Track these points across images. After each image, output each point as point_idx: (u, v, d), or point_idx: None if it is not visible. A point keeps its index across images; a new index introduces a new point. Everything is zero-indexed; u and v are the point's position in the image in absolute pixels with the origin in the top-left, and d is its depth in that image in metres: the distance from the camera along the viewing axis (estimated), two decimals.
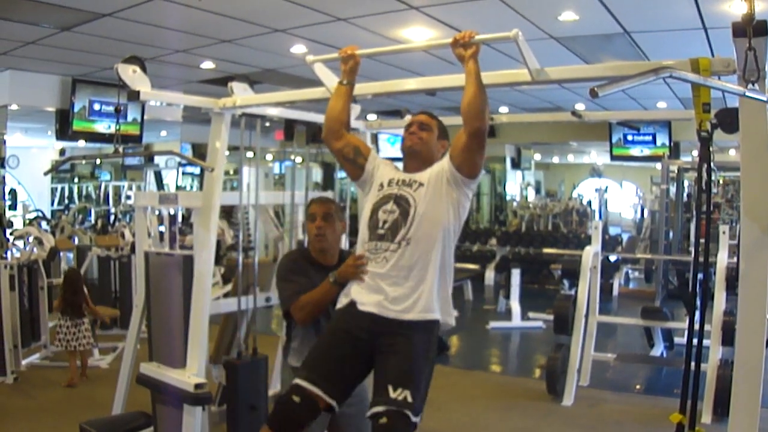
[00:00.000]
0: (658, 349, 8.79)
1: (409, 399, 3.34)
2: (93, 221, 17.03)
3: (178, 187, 18.34)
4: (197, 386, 4.53)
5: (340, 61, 3.88)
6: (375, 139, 6.21)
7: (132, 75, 4.53)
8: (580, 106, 12.85)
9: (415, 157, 3.76)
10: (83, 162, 18.68)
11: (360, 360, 3.59)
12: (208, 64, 10.81)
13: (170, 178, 18.58)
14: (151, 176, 18.48)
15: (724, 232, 7.26)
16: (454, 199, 3.61)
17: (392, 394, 3.34)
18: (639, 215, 18.53)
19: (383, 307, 3.53)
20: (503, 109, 14.52)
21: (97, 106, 11.93)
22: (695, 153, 13.48)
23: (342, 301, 3.74)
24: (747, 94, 2.64)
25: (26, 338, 8.09)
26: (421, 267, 3.54)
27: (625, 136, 15.98)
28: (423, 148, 3.74)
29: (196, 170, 19.59)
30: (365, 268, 3.65)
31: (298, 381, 3.52)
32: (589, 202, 19.70)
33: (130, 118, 12.23)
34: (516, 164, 20.95)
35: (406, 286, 3.52)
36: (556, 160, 27.01)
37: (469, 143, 3.52)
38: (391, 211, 3.62)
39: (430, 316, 3.55)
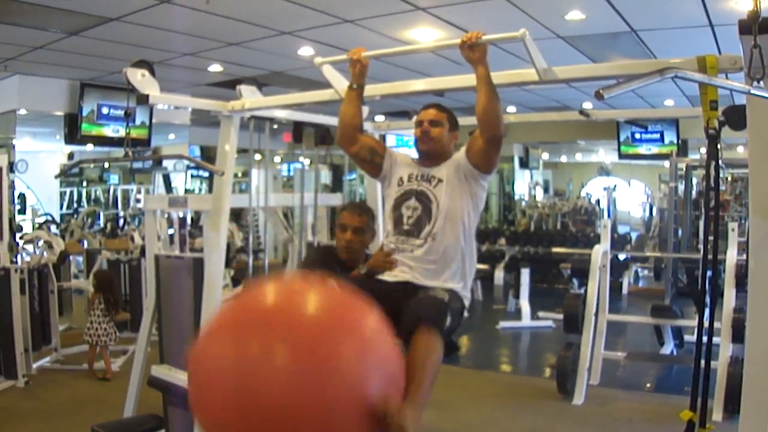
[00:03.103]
0: (668, 347, 8.78)
1: (446, 299, 3.38)
2: (102, 225, 17.04)
3: (186, 190, 18.36)
4: None
5: (349, 64, 3.90)
6: (383, 140, 6.21)
7: (141, 79, 4.55)
8: (587, 105, 12.84)
9: (429, 156, 3.80)
10: (92, 166, 18.69)
11: (384, 297, 3.39)
12: (216, 67, 10.83)
13: (179, 181, 18.59)
14: (159, 179, 18.50)
15: (733, 229, 7.25)
16: (472, 192, 3.69)
17: (430, 293, 3.41)
18: (648, 213, 18.47)
19: (409, 280, 3.60)
20: (511, 109, 14.49)
21: (105, 110, 11.96)
22: (703, 150, 13.45)
23: None
24: (752, 91, 2.63)
25: (37, 342, 8.13)
26: (447, 259, 3.62)
27: (632, 134, 15.95)
28: (436, 147, 3.77)
29: (205, 173, 19.58)
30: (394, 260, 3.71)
31: None
32: (598, 201, 19.65)
33: (138, 122, 12.25)
34: (524, 164, 20.91)
35: (435, 277, 3.60)
36: (564, 159, 26.92)
37: (487, 148, 3.57)
38: (414, 207, 3.69)
39: (459, 290, 3.64)
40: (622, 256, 14.00)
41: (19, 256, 9.59)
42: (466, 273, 3.70)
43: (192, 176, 19.52)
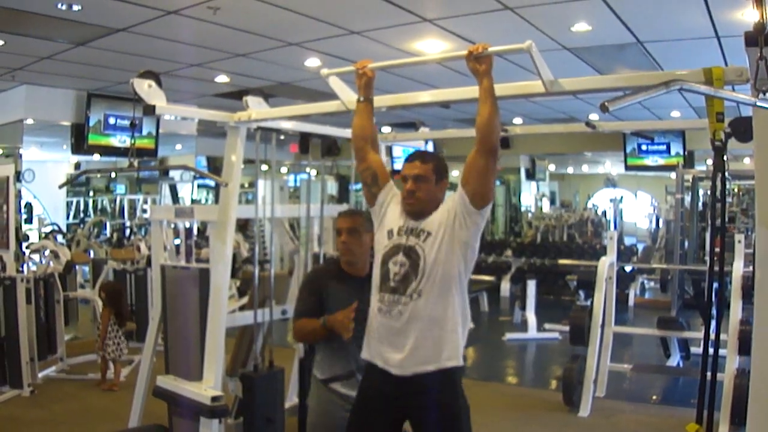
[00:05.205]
0: (675, 359, 8.76)
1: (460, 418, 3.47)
2: (108, 235, 17.08)
3: (193, 200, 18.38)
4: (214, 399, 4.54)
5: (355, 76, 3.89)
6: (389, 151, 6.23)
7: (147, 89, 4.56)
8: (593, 116, 12.82)
9: (417, 214, 3.67)
10: (98, 175, 18.75)
11: (391, 423, 3.67)
12: (222, 78, 10.86)
13: (185, 191, 18.62)
14: (166, 189, 18.53)
15: (739, 241, 7.23)
16: (463, 242, 3.56)
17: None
18: (654, 225, 18.45)
19: (403, 367, 3.54)
20: (517, 120, 14.52)
21: (112, 120, 12.00)
22: (710, 162, 13.43)
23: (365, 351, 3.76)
24: (758, 103, 2.63)
25: (42, 351, 8.13)
26: (435, 317, 3.52)
27: (639, 145, 15.95)
28: (423, 205, 3.65)
29: (212, 183, 19.60)
30: (364, 325, 3.76)
31: None
32: (604, 213, 19.66)
33: (145, 132, 12.29)
34: (530, 175, 20.92)
35: (423, 338, 3.51)
36: (570, 170, 26.96)
37: (484, 162, 3.47)
38: (401, 263, 3.58)
39: (452, 363, 3.55)
40: (628, 268, 13.99)
41: (25, 266, 9.60)
42: (459, 328, 3.59)
43: (198, 186, 19.56)
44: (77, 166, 16.66)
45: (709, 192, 11.81)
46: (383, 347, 3.60)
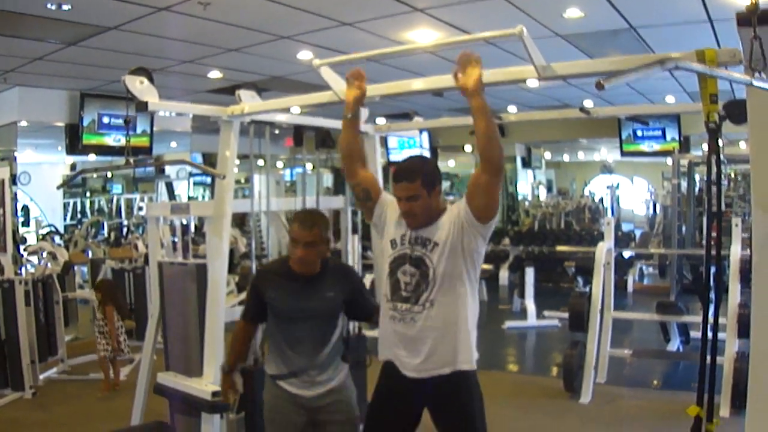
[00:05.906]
0: (674, 344, 8.78)
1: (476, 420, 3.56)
2: (106, 234, 17.06)
3: (189, 198, 18.37)
4: (214, 394, 4.54)
5: (347, 84, 3.88)
6: (384, 141, 6.21)
7: (139, 86, 4.55)
8: (588, 103, 12.84)
9: (421, 225, 3.65)
10: (95, 175, 18.71)
11: (409, 419, 3.72)
12: (215, 74, 10.84)
13: (181, 189, 18.62)
14: (162, 187, 18.53)
15: (736, 225, 7.24)
16: (471, 248, 3.58)
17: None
18: (651, 211, 18.49)
19: (419, 371, 3.58)
20: (511, 108, 14.48)
21: (106, 120, 11.99)
22: (705, 146, 13.43)
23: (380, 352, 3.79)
24: (754, 83, 2.62)
25: (43, 353, 8.11)
26: (449, 323, 3.55)
27: (634, 131, 15.95)
28: (423, 219, 3.62)
29: (207, 180, 19.64)
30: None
31: None
32: (601, 199, 19.66)
33: (139, 130, 12.28)
34: (526, 163, 20.88)
35: (438, 344, 3.55)
36: (566, 158, 26.92)
37: (488, 179, 3.46)
38: (411, 273, 3.60)
39: (466, 366, 3.58)
40: (626, 254, 13.98)
41: (23, 268, 9.59)
42: (471, 329, 3.62)
43: (194, 184, 19.55)
44: (73, 166, 16.63)
45: (705, 176, 11.85)
46: (399, 351, 3.64)
